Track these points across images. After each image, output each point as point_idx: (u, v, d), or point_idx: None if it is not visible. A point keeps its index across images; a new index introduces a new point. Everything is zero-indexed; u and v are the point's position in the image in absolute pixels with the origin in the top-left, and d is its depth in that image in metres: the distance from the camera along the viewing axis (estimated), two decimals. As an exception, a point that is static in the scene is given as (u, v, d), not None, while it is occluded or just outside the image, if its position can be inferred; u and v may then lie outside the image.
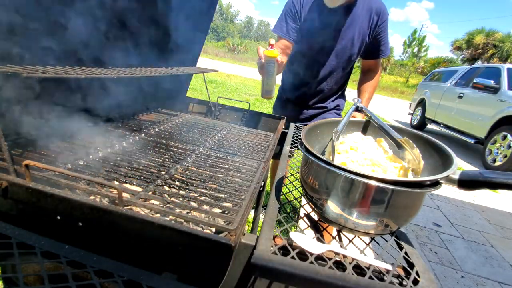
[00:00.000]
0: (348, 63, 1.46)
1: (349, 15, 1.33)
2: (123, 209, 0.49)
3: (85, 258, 0.48)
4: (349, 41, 1.37)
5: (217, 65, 11.08)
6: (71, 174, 0.54)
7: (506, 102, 4.42)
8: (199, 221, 0.53)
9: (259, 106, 6.02)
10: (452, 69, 7.04)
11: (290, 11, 1.39)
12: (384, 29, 1.38)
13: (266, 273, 0.48)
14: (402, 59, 38.42)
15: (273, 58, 1.10)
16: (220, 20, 43.45)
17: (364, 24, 1.35)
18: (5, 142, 0.53)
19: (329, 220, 0.59)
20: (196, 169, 0.80)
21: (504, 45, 22.08)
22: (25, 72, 0.54)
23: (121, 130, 1.00)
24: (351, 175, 0.50)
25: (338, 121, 0.76)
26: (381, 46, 1.43)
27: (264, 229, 0.55)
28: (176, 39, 1.18)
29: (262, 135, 1.23)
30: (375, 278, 0.48)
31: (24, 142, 0.74)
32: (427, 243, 2.19)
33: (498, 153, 4.36)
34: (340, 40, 1.37)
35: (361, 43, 1.40)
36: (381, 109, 11.23)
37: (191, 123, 1.25)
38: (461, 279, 1.83)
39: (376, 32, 1.38)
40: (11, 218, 0.54)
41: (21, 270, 0.44)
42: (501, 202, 3.40)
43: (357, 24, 1.34)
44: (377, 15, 1.34)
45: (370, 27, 1.36)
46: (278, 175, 0.79)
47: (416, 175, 0.61)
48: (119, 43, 0.93)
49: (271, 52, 1.08)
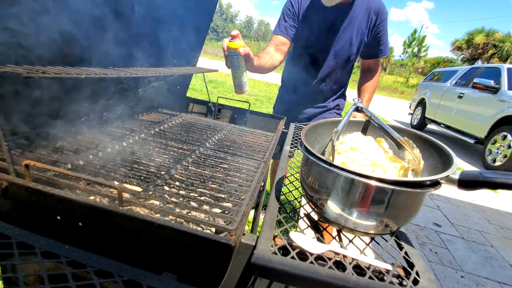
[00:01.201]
0: (347, 63, 1.46)
1: (348, 15, 1.32)
2: (123, 209, 0.49)
3: (85, 258, 0.48)
4: (348, 41, 1.37)
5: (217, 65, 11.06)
6: (71, 174, 0.54)
7: (506, 102, 4.42)
8: (199, 221, 0.53)
9: (259, 106, 6.02)
10: (452, 69, 7.04)
11: (288, 11, 1.39)
12: (383, 28, 1.38)
13: (266, 273, 0.48)
14: (402, 59, 38.42)
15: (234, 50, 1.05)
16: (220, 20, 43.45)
17: (362, 24, 1.35)
18: (5, 142, 0.53)
19: (329, 220, 0.59)
20: (196, 169, 0.80)
21: (504, 45, 22.06)
22: (25, 72, 0.54)
23: (121, 130, 1.00)
24: (351, 175, 0.50)
25: (338, 121, 0.76)
26: (380, 45, 1.43)
27: (264, 229, 0.55)
28: (176, 39, 1.18)
29: (262, 135, 1.23)
30: (375, 278, 0.48)
31: (24, 142, 0.74)
32: (427, 243, 2.19)
33: (498, 153, 4.36)
34: (338, 40, 1.37)
35: (360, 43, 1.40)
36: (381, 109, 11.23)
37: (191, 123, 1.25)
38: (461, 279, 1.83)
39: (375, 31, 1.38)
40: (11, 218, 0.54)
41: (21, 270, 0.44)
42: (501, 202, 3.40)
43: (356, 24, 1.34)
44: (376, 15, 1.34)
45: (368, 26, 1.36)
46: (278, 175, 0.79)
47: (416, 175, 0.61)
48: (119, 43, 0.93)
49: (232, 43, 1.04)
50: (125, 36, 0.92)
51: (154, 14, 1.06)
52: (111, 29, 0.86)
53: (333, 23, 1.34)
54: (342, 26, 1.34)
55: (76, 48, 0.81)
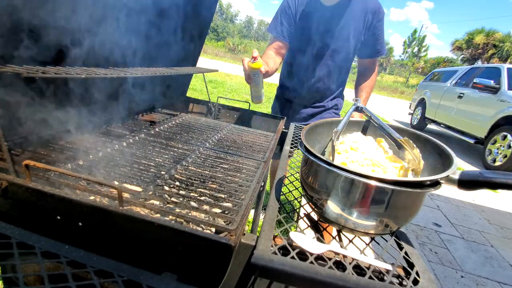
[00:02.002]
0: (344, 62, 1.46)
1: (344, 14, 1.33)
2: (123, 209, 0.49)
3: (85, 258, 0.48)
4: (345, 40, 1.37)
5: (217, 65, 11.08)
6: (71, 174, 0.54)
7: (506, 102, 4.42)
8: (199, 221, 0.53)
9: (259, 106, 6.01)
10: (452, 69, 7.04)
11: (285, 12, 1.39)
12: (380, 27, 1.39)
13: (266, 273, 0.48)
14: (402, 59, 38.43)
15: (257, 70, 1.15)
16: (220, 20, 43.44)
17: (359, 24, 1.35)
18: (5, 142, 0.53)
19: (329, 220, 0.59)
20: (196, 169, 0.80)
21: (504, 45, 22.06)
22: (25, 72, 0.54)
23: (121, 130, 1.00)
24: (351, 175, 0.50)
25: (338, 121, 0.76)
26: (377, 45, 1.43)
27: (264, 229, 0.55)
28: (176, 39, 1.18)
29: (262, 135, 1.23)
30: (375, 278, 0.48)
31: (24, 142, 0.74)
32: (427, 243, 2.19)
33: (498, 153, 4.36)
34: (336, 39, 1.37)
35: (357, 42, 1.40)
36: (381, 109, 11.23)
37: (191, 123, 1.25)
38: (461, 279, 1.83)
39: (372, 31, 1.39)
40: (11, 218, 0.54)
41: (21, 270, 0.44)
42: (501, 202, 3.40)
43: (352, 23, 1.34)
44: (372, 14, 1.35)
45: (365, 26, 1.37)
46: (278, 175, 0.79)
47: (416, 175, 0.61)
48: (119, 43, 0.93)
49: (255, 64, 1.13)
50: (125, 36, 0.92)
51: (153, 14, 1.06)
52: (111, 29, 0.86)
53: (330, 22, 1.35)
54: (339, 25, 1.35)
55: (76, 48, 0.81)
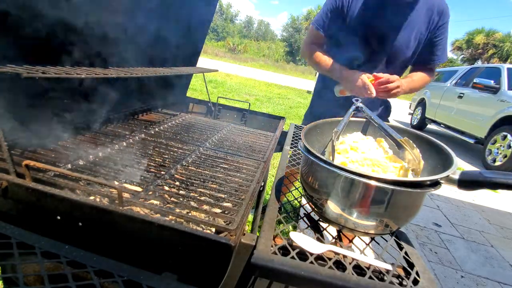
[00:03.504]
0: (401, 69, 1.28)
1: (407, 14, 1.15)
2: (123, 209, 0.49)
3: (85, 258, 0.48)
4: (404, 44, 1.19)
5: (217, 65, 11.07)
6: (71, 174, 0.54)
7: (506, 102, 4.42)
8: (199, 221, 0.53)
9: (259, 106, 6.01)
10: (452, 69, 7.04)
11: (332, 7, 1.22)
12: (444, 31, 1.22)
13: (266, 273, 0.48)
14: (402, 59, 38.31)
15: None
16: (220, 20, 43.43)
17: (423, 25, 1.18)
18: (5, 142, 0.53)
19: (329, 220, 0.59)
20: (196, 169, 0.80)
21: (504, 45, 22.07)
22: (25, 72, 0.54)
23: (121, 130, 1.00)
24: (351, 175, 0.50)
25: (338, 121, 0.76)
26: (437, 50, 1.24)
27: (264, 229, 0.55)
28: (176, 39, 1.18)
29: (262, 135, 1.23)
30: (375, 278, 0.48)
31: (24, 142, 0.74)
32: (427, 243, 2.19)
33: (498, 153, 4.36)
34: (393, 44, 1.19)
35: (417, 47, 1.22)
36: (381, 109, 11.19)
37: (191, 123, 1.25)
38: (461, 279, 1.83)
39: (435, 34, 1.21)
40: (11, 218, 0.54)
41: (21, 270, 0.44)
42: (501, 202, 3.40)
43: (416, 25, 1.17)
44: (439, 15, 1.18)
45: (429, 28, 1.19)
46: (278, 175, 0.79)
47: (416, 175, 0.61)
48: (119, 43, 0.93)
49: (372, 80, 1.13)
50: (125, 36, 0.92)
51: (153, 14, 1.06)
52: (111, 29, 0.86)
53: (389, 23, 1.17)
54: (399, 27, 1.17)
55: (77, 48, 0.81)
